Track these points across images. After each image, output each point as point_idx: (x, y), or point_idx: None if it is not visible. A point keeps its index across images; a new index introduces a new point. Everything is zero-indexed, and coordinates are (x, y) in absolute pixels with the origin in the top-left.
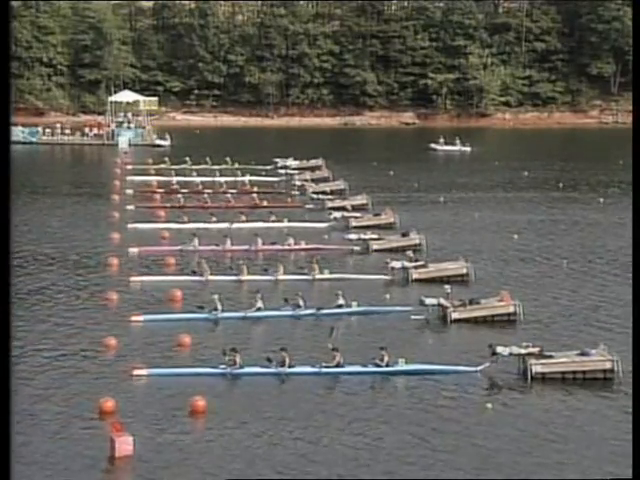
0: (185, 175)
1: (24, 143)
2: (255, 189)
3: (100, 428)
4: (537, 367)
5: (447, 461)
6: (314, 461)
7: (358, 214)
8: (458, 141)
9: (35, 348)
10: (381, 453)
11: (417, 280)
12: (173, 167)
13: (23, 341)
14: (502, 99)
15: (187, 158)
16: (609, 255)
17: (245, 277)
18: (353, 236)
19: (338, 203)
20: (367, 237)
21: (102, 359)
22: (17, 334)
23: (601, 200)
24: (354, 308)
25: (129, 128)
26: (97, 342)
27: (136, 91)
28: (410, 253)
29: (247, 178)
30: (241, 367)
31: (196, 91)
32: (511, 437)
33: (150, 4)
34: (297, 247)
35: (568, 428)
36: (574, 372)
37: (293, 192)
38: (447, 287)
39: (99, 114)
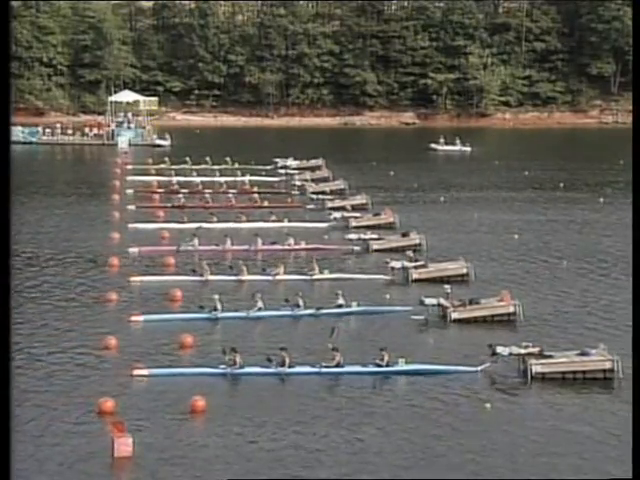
0: (185, 175)
1: (24, 143)
2: (255, 189)
3: (100, 428)
4: (537, 367)
5: (447, 461)
6: (314, 461)
7: (358, 214)
8: (458, 141)
9: (35, 348)
10: (381, 453)
11: (417, 280)
12: (173, 167)
13: (23, 341)
14: (502, 99)
15: (187, 158)
16: (609, 255)
17: (245, 277)
18: (353, 236)
19: (338, 203)
20: (367, 237)
21: (102, 359)
22: (17, 334)
23: (601, 200)
24: (354, 308)
25: (129, 128)
26: (97, 342)
27: (136, 91)
28: (410, 253)
29: (247, 178)
30: (241, 367)
31: (196, 91)
32: (511, 437)
33: (150, 4)
34: (297, 247)
35: (568, 428)
36: (574, 372)
37: (293, 192)
38: (447, 287)
39: (99, 114)
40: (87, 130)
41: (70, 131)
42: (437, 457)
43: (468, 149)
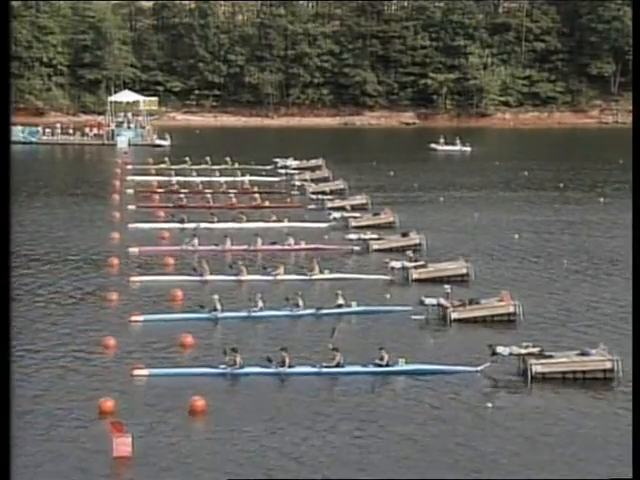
0: (185, 175)
1: (24, 143)
2: (255, 189)
3: (100, 428)
4: (537, 367)
5: (447, 461)
6: (314, 461)
7: (358, 214)
8: (458, 141)
9: (35, 348)
10: (380, 453)
11: (417, 280)
12: (173, 167)
13: (23, 341)
14: (502, 99)
15: (187, 158)
16: (609, 255)
17: (245, 277)
18: (353, 236)
19: (338, 203)
20: (367, 237)
21: (102, 359)
22: (17, 334)
23: (601, 200)
24: (354, 308)
25: (129, 128)
26: (97, 342)
27: (136, 91)
28: (410, 253)
29: (247, 178)
30: (241, 367)
31: (196, 91)
32: (511, 437)
33: (150, 4)
34: (297, 247)
35: (568, 428)
36: (574, 372)
37: (293, 192)
38: (447, 287)
39: (99, 114)
40: (87, 130)
41: (71, 131)
42: (437, 457)
43: (468, 149)
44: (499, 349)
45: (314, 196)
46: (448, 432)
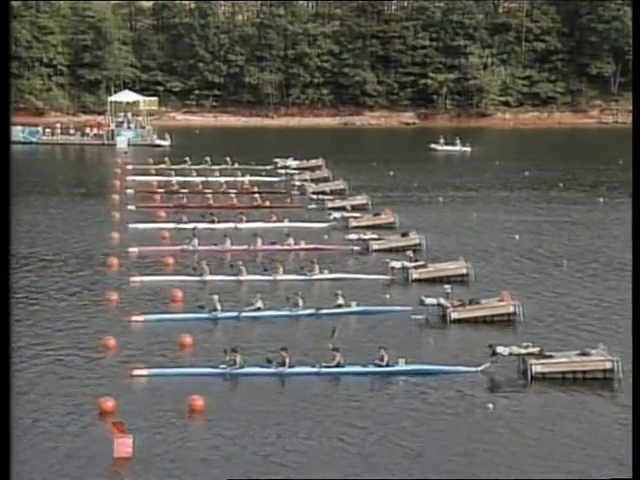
0: (185, 175)
1: (24, 143)
2: (255, 189)
3: (100, 428)
4: (537, 367)
5: (447, 461)
6: (314, 461)
7: (358, 214)
8: (458, 141)
9: (35, 348)
10: (380, 453)
11: (417, 280)
12: (173, 167)
13: (23, 341)
14: (502, 99)
15: (187, 158)
16: (609, 255)
17: (245, 277)
18: (353, 236)
19: (338, 203)
20: (367, 237)
21: (102, 359)
22: (17, 334)
23: (601, 200)
24: (354, 308)
25: (129, 128)
26: (97, 342)
27: (136, 91)
28: (410, 253)
29: (247, 178)
30: (241, 367)
31: (196, 91)
32: (511, 437)
33: (150, 4)
34: (297, 247)
35: (568, 428)
36: (574, 372)
37: (293, 192)
38: (447, 287)
39: (99, 114)
40: (87, 130)
41: (71, 131)
42: (438, 457)
43: (468, 149)
44: (499, 349)
45: (314, 196)
46: (448, 432)
